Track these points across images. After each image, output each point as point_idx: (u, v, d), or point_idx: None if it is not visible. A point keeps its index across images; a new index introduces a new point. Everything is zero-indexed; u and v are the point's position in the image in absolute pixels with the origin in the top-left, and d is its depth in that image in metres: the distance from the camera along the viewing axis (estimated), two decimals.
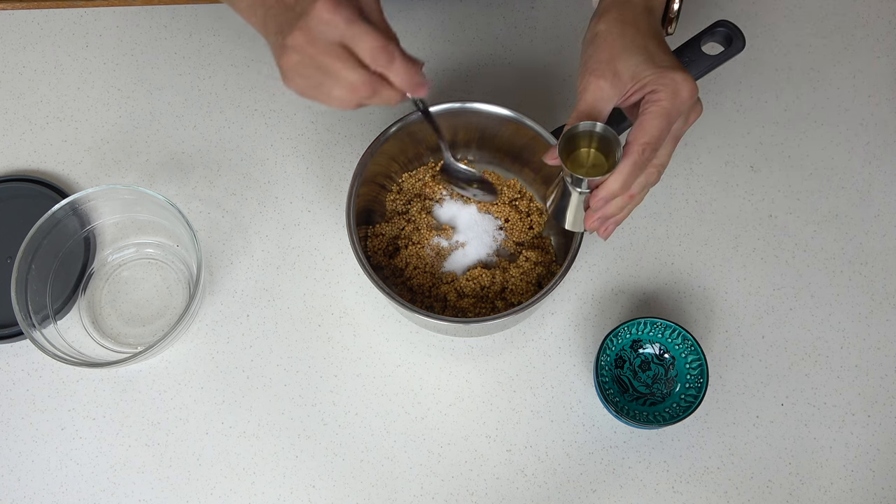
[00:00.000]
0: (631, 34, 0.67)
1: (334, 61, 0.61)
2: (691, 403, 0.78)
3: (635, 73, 0.65)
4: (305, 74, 0.62)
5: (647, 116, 0.65)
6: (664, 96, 0.64)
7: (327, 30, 0.60)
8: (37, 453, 0.81)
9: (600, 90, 0.66)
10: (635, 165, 0.64)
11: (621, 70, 0.65)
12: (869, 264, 0.87)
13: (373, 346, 0.85)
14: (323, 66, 0.61)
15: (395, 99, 0.64)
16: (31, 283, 0.80)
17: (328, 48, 0.60)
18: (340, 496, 0.80)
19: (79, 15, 0.96)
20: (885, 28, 0.96)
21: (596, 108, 0.66)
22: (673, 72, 0.65)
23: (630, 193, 0.67)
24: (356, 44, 0.60)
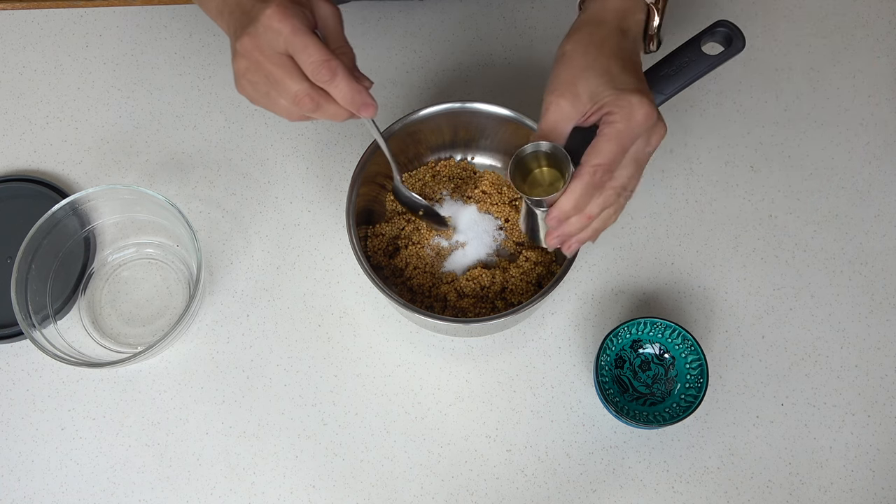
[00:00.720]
0: (594, 54, 0.66)
1: (278, 70, 0.61)
2: (691, 403, 0.78)
3: (594, 93, 0.64)
4: (253, 81, 0.62)
5: (601, 138, 0.64)
6: (619, 118, 0.63)
7: (274, 38, 0.60)
8: (37, 453, 0.81)
9: (560, 110, 0.65)
10: (587, 186, 0.64)
11: (581, 91, 0.65)
12: (869, 264, 0.87)
13: (373, 346, 0.85)
14: (269, 75, 0.61)
15: (340, 116, 0.63)
16: (31, 283, 0.80)
17: (274, 56, 0.60)
18: (340, 496, 0.80)
19: (79, 15, 0.96)
20: (885, 28, 0.96)
21: (556, 128, 0.66)
22: (630, 94, 0.64)
23: (587, 214, 0.65)
24: (299, 55, 0.60)
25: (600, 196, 0.65)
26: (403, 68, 0.94)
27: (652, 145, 0.66)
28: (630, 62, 0.67)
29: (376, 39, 0.96)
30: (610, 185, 0.65)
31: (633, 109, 0.64)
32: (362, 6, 0.96)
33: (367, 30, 0.96)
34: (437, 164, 0.87)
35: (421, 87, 0.93)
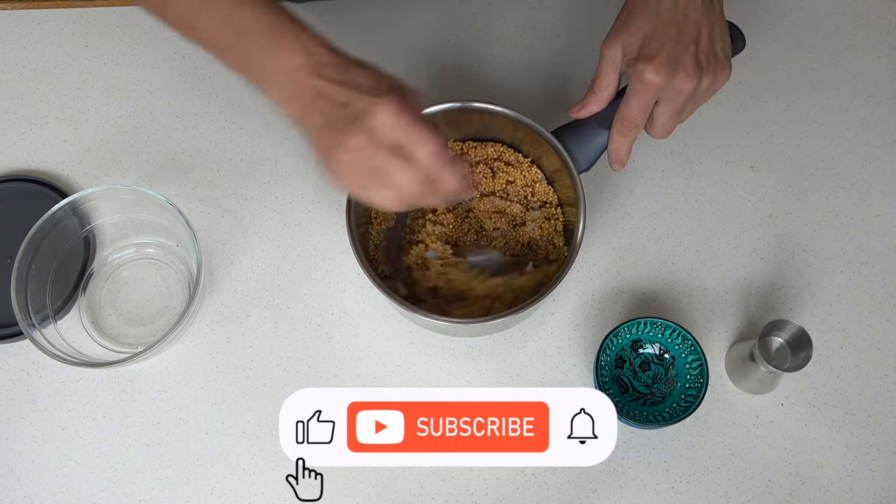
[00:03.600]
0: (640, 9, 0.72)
1: (392, 162, 0.61)
2: (691, 403, 0.78)
3: (627, 50, 0.72)
4: (357, 173, 0.62)
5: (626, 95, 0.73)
6: (635, 80, 0.71)
7: (389, 131, 0.60)
8: (37, 453, 0.81)
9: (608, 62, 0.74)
10: (620, 135, 0.75)
11: (622, 45, 0.72)
12: (869, 264, 0.87)
13: (373, 346, 0.85)
14: (377, 167, 0.61)
15: (441, 203, 0.66)
16: (31, 283, 0.80)
17: (387, 150, 0.61)
18: (340, 496, 0.80)
19: (79, 15, 0.96)
20: (885, 28, 0.96)
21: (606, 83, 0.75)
22: (642, 63, 0.70)
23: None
24: (415, 147, 0.61)
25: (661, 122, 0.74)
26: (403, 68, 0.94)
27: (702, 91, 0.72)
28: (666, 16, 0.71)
29: (376, 39, 0.95)
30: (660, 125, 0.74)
31: (643, 74, 0.70)
32: (362, 5, 0.96)
33: (366, 30, 0.96)
34: None
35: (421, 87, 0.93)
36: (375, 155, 0.61)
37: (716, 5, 0.72)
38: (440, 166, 0.62)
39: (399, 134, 0.61)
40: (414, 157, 0.62)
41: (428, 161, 0.62)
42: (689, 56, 0.70)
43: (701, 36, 0.71)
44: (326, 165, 0.63)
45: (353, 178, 0.63)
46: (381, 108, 0.60)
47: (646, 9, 0.71)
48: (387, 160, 0.61)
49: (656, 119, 0.73)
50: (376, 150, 0.61)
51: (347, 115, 0.61)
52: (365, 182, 0.63)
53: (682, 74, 0.70)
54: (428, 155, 0.62)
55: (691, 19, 0.70)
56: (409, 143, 0.61)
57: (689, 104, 0.73)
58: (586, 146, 0.78)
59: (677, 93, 0.71)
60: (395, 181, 0.62)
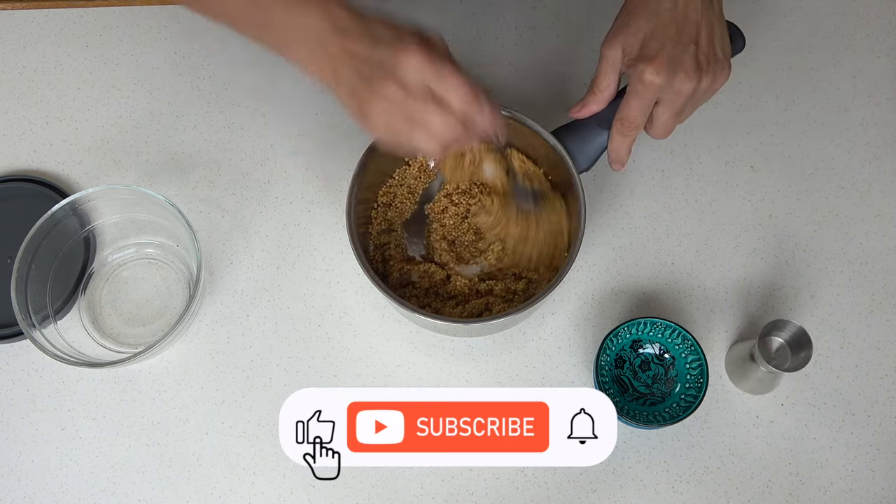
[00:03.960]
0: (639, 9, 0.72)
1: (426, 105, 0.63)
2: (691, 403, 0.78)
3: (626, 51, 0.73)
4: (394, 121, 0.64)
5: (626, 95, 0.73)
6: (635, 80, 0.71)
7: (418, 77, 0.62)
8: (37, 453, 0.81)
9: (608, 62, 0.75)
10: (620, 135, 0.75)
11: (622, 45, 0.73)
12: (869, 264, 0.87)
13: (373, 346, 0.85)
14: (413, 113, 0.63)
15: (476, 139, 0.67)
16: (31, 283, 0.80)
17: (420, 95, 0.62)
18: (340, 496, 0.80)
19: (79, 15, 0.96)
20: (885, 28, 0.96)
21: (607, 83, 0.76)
22: (642, 63, 0.70)
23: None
24: (447, 90, 0.63)
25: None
26: None
27: (702, 91, 0.72)
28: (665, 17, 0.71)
29: None
30: (660, 125, 0.75)
31: (643, 75, 0.70)
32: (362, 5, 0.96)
33: None
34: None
35: None
36: (410, 102, 0.62)
37: (715, 5, 0.73)
38: (474, 107, 0.64)
39: (430, 79, 0.62)
40: (447, 101, 0.63)
41: (461, 103, 0.63)
42: (688, 56, 0.70)
43: (701, 36, 0.71)
44: (362, 119, 0.65)
45: (391, 127, 0.64)
46: (409, 56, 0.62)
47: (645, 9, 0.71)
48: (422, 106, 0.63)
49: (656, 119, 0.74)
50: (410, 98, 0.62)
51: (377, 68, 0.63)
52: (403, 129, 0.64)
53: (682, 75, 0.70)
54: (460, 97, 0.63)
55: (691, 19, 0.71)
56: (440, 87, 0.63)
57: (689, 104, 0.73)
58: (586, 146, 0.78)
59: (677, 93, 0.71)
60: (432, 126, 0.63)
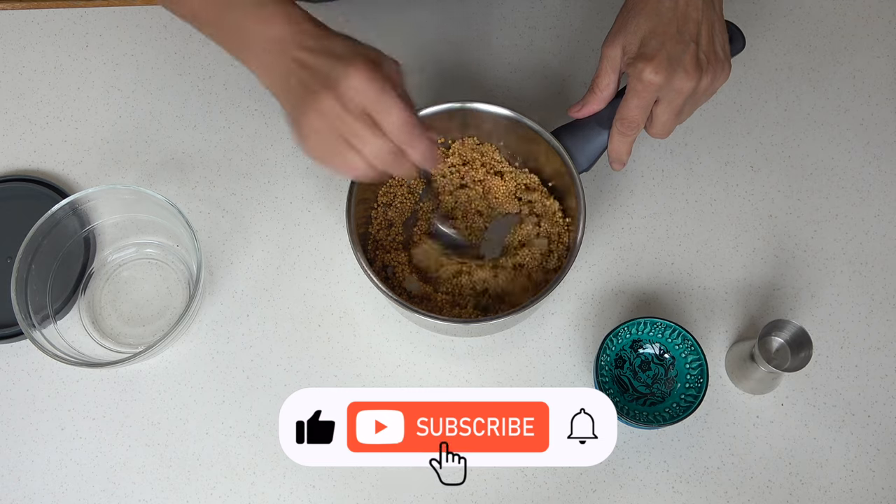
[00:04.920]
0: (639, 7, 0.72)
1: (361, 128, 0.61)
2: (691, 403, 0.78)
3: (626, 50, 0.73)
4: (326, 139, 0.62)
5: (626, 93, 0.73)
6: (634, 81, 0.71)
7: (359, 97, 0.60)
8: (37, 453, 0.81)
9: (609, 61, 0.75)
10: (620, 134, 0.75)
11: (622, 45, 0.73)
12: (869, 264, 0.87)
13: (373, 346, 0.85)
14: (347, 133, 0.61)
15: (409, 173, 0.65)
16: (31, 283, 0.80)
17: (357, 115, 0.61)
18: (340, 496, 0.80)
19: (79, 15, 0.96)
20: (885, 28, 0.96)
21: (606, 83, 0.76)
22: (641, 62, 0.70)
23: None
24: (383, 115, 0.61)
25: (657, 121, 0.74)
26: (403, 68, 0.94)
27: (701, 92, 0.72)
28: (665, 17, 0.71)
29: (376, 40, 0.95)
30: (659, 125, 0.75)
31: (642, 74, 0.70)
32: (363, 6, 0.96)
33: (366, 30, 0.96)
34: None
35: (421, 87, 0.93)
36: (345, 120, 0.61)
37: (716, 4, 0.72)
38: (409, 136, 0.62)
39: (369, 100, 0.61)
40: (383, 125, 0.62)
41: (397, 130, 0.62)
42: (688, 55, 0.70)
43: (701, 35, 0.71)
44: (297, 131, 0.63)
45: (322, 143, 0.63)
46: (353, 73, 0.60)
47: (646, 7, 0.71)
48: (356, 126, 0.61)
49: (656, 119, 0.73)
50: (346, 115, 0.61)
51: (321, 80, 0.61)
52: (334, 148, 0.62)
53: (682, 74, 0.70)
54: (397, 124, 0.62)
55: (692, 18, 0.70)
56: (378, 110, 0.61)
57: (689, 104, 0.73)
58: (586, 146, 0.78)
59: (677, 92, 0.71)
60: (363, 148, 0.62)
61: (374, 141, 0.62)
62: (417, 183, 0.86)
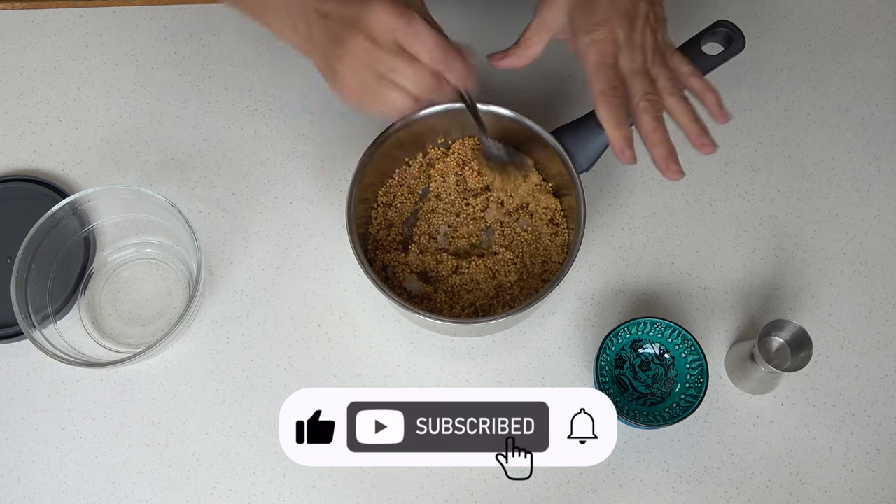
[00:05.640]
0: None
1: (396, 59, 0.61)
2: (691, 403, 0.78)
3: (570, 20, 0.72)
4: (362, 77, 0.62)
5: (589, 69, 0.70)
6: (589, 52, 0.69)
7: (388, 30, 0.61)
8: (37, 453, 0.81)
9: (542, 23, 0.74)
10: (611, 105, 0.68)
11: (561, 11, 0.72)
12: (869, 264, 0.87)
13: (373, 346, 0.85)
14: (383, 68, 0.62)
15: (448, 95, 0.65)
16: (31, 283, 0.80)
17: (388, 48, 0.61)
18: (340, 496, 0.80)
19: (79, 15, 0.96)
20: (885, 28, 0.96)
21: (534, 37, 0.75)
22: (584, 35, 0.69)
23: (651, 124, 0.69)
24: (415, 43, 0.62)
25: (638, 85, 0.69)
26: None
27: (642, 16, 0.69)
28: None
29: None
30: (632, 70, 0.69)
31: (592, 46, 0.68)
32: None
33: None
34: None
35: None
36: (379, 56, 0.61)
37: None
38: (444, 57, 0.63)
39: (399, 30, 0.61)
40: (417, 54, 0.62)
41: (432, 53, 0.62)
42: (637, 14, 0.69)
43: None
44: (332, 79, 0.64)
45: (358, 85, 0.63)
46: (377, 9, 0.61)
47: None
48: (391, 59, 0.62)
49: (631, 82, 0.69)
50: (379, 52, 0.61)
51: (344, 22, 0.62)
52: (372, 87, 0.63)
53: (633, 33, 0.69)
54: (430, 47, 0.62)
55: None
56: (409, 41, 0.62)
57: (654, 62, 0.70)
58: (586, 146, 0.78)
59: (635, 50, 0.69)
60: (402, 80, 0.62)
61: (412, 70, 0.62)
62: (417, 183, 0.86)
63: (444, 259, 0.82)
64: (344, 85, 0.63)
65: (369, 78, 0.62)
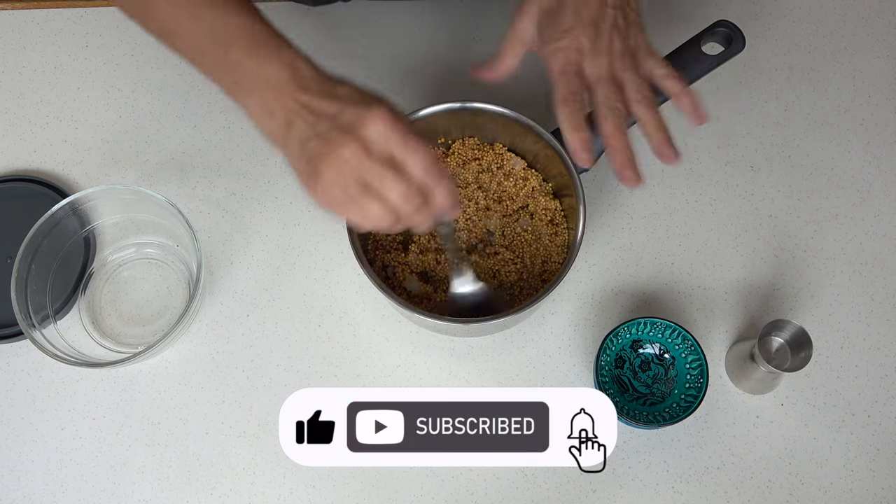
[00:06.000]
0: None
1: (386, 173, 0.59)
2: (691, 403, 0.78)
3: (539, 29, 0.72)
4: (346, 185, 0.59)
5: (553, 76, 0.71)
6: (553, 60, 0.70)
7: (383, 142, 0.59)
8: (37, 453, 0.81)
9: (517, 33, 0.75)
10: (571, 111, 0.69)
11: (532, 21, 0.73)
12: (869, 264, 0.87)
13: (373, 346, 0.85)
14: (369, 180, 0.59)
15: (428, 222, 0.63)
16: (31, 283, 0.80)
17: (381, 161, 0.59)
18: (340, 496, 0.80)
19: (79, 15, 0.96)
20: (885, 28, 0.96)
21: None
22: (552, 42, 0.70)
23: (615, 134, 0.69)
24: (409, 158, 0.59)
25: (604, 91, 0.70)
26: (404, 69, 0.94)
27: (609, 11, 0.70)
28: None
29: (377, 40, 0.96)
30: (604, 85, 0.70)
31: (555, 54, 0.70)
32: (363, 6, 0.96)
33: (367, 31, 0.96)
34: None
35: (421, 88, 0.93)
36: (368, 166, 0.59)
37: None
38: (434, 180, 0.60)
39: (393, 144, 0.59)
40: (407, 170, 0.60)
41: (423, 171, 0.60)
42: (604, 20, 0.69)
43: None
44: (311, 180, 0.61)
45: (341, 192, 0.60)
46: (375, 117, 0.58)
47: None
48: (380, 171, 0.59)
49: (595, 89, 0.69)
50: (370, 162, 0.59)
51: (337, 125, 0.59)
52: (353, 195, 0.60)
53: (598, 39, 0.69)
54: (422, 167, 0.60)
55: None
56: (403, 154, 0.59)
57: (623, 69, 0.70)
58: None
59: (599, 55, 0.69)
60: (386, 194, 0.59)
61: (401, 185, 0.59)
62: None
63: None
64: (323, 187, 0.60)
65: (353, 185, 0.59)
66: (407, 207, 0.60)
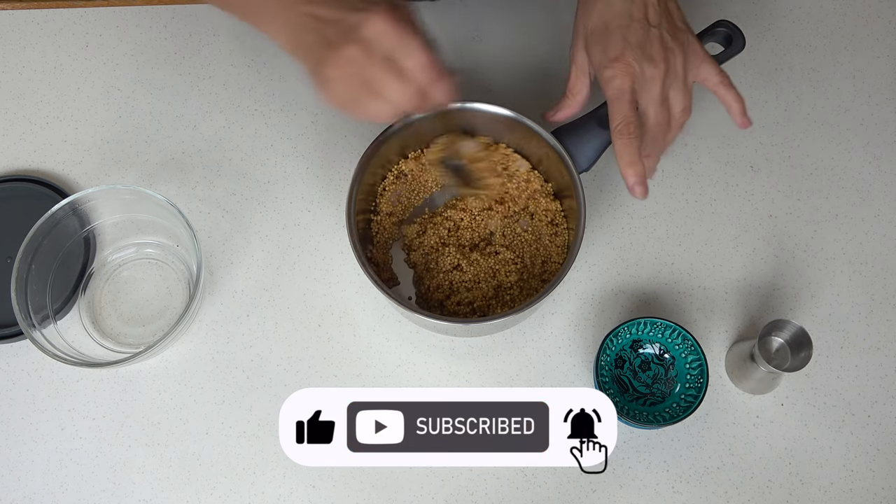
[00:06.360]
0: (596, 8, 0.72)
1: (385, 73, 0.63)
2: (691, 403, 0.78)
3: (592, 57, 0.74)
4: (349, 86, 0.63)
5: (608, 101, 0.72)
6: (608, 87, 0.71)
7: (381, 43, 0.62)
8: (37, 453, 0.81)
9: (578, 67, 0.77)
10: (621, 140, 0.71)
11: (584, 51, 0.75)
12: (869, 264, 0.87)
13: (373, 346, 0.85)
14: (370, 79, 0.63)
15: (428, 111, 0.67)
16: (31, 283, 0.80)
17: (380, 60, 0.62)
18: (340, 496, 0.80)
19: (79, 15, 0.96)
20: (885, 28, 0.96)
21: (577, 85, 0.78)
22: (605, 69, 0.71)
23: (646, 154, 0.72)
24: (407, 59, 0.63)
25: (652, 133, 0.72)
26: None
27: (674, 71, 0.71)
28: (616, 20, 0.71)
29: None
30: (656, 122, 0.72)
31: (612, 81, 0.70)
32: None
33: None
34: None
35: None
36: (368, 66, 0.62)
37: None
38: (432, 78, 0.64)
39: (392, 45, 0.62)
40: (406, 69, 0.63)
41: (420, 72, 0.63)
42: (650, 42, 0.69)
43: (656, 15, 0.70)
44: (317, 81, 0.64)
45: (344, 90, 0.64)
46: (375, 18, 0.62)
47: (597, 3, 0.71)
48: (380, 71, 0.62)
49: (646, 115, 0.71)
50: (370, 61, 0.62)
51: (340, 29, 0.62)
52: (357, 94, 0.64)
53: (649, 64, 0.69)
54: (420, 67, 0.63)
55: (643, 2, 0.70)
56: (401, 54, 0.63)
57: (673, 87, 0.71)
58: (586, 146, 0.78)
59: (652, 82, 0.70)
60: (387, 93, 0.63)
61: (398, 85, 0.63)
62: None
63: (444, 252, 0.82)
64: (331, 89, 0.64)
65: (356, 84, 0.63)
66: (407, 104, 0.65)
